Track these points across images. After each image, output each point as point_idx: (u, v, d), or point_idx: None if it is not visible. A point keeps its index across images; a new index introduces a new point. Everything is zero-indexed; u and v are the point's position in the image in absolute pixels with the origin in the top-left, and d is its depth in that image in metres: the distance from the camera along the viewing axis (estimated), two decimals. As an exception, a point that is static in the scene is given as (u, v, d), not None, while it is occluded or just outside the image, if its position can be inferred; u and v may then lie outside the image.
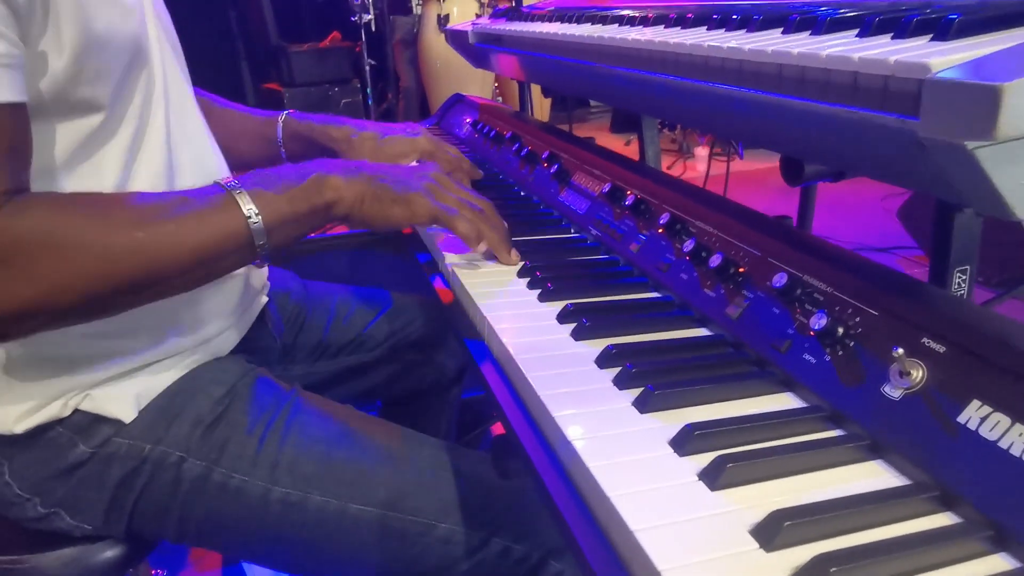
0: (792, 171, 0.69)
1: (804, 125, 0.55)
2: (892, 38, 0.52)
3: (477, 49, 1.36)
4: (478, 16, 3.88)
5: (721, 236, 0.70)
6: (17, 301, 0.60)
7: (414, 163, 1.09)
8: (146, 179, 0.76)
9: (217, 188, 0.71)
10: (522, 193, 1.12)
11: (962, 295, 0.74)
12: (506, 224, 0.85)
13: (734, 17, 0.70)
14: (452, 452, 0.83)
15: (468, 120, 1.47)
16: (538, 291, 0.74)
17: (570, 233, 0.94)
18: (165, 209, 0.68)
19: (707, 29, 0.73)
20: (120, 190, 0.73)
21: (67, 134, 0.68)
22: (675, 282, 0.72)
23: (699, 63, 0.66)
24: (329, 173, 0.76)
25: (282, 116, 1.10)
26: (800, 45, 0.55)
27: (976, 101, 0.39)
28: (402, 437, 0.84)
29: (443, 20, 3.81)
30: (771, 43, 0.58)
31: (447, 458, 0.82)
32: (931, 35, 0.50)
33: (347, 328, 1.12)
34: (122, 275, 0.65)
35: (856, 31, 0.57)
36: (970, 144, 0.40)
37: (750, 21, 0.68)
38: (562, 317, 0.68)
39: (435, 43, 3.86)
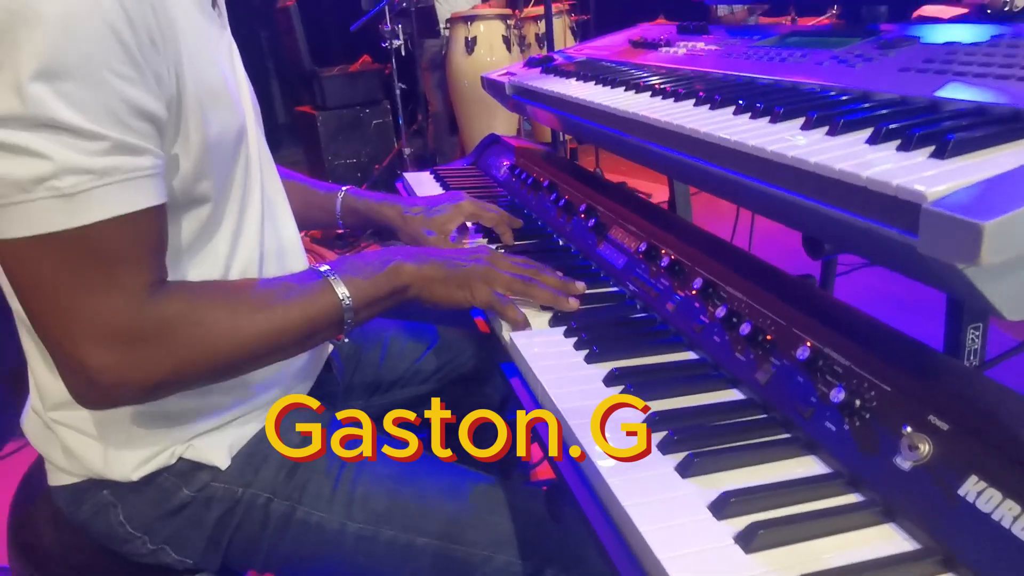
0: (813, 246, 0.76)
1: (821, 221, 0.63)
2: (897, 149, 0.59)
3: (514, 101, 1.44)
4: (504, 38, 3.97)
5: (750, 303, 0.77)
6: (160, 373, 0.71)
7: (460, 226, 1.19)
8: (245, 255, 0.86)
9: (315, 274, 0.83)
10: (561, 242, 1.20)
11: (975, 350, 0.81)
12: (558, 276, 0.95)
13: (758, 105, 0.78)
14: (504, 487, 0.92)
15: (506, 163, 1.56)
16: (585, 352, 0.82)
17: (609, 287, 1.01)
18: (277, 294, 0.79)
19: (733, 113, 0.81)
20: (228, 267, 0.84)
21: (188, 224, 0.80)
22: (708, 344, 0.79)
23: (729, 153, 0.73)
24: (405, 261, 0.88)
25: (341, 192, 1.22)
26: (817, 151, 0.63)
27: (962, 234, 0.46)
28: (459, 473, 0.94)
29: (470, 43, 3.91)
30: (790, 146, 0.66)
31: (500, 493, 0.91)
32: (932, 149, 0.57)
33: (399, 362, 1.22)
34: (244, 350, 0.77)
35: (868, 133, 0.64)
36: (960, 264, 0.48)
37: (772, 111, 0.75)
38: (608, 380, 0.77)
39: (463, 64, 3.96)
